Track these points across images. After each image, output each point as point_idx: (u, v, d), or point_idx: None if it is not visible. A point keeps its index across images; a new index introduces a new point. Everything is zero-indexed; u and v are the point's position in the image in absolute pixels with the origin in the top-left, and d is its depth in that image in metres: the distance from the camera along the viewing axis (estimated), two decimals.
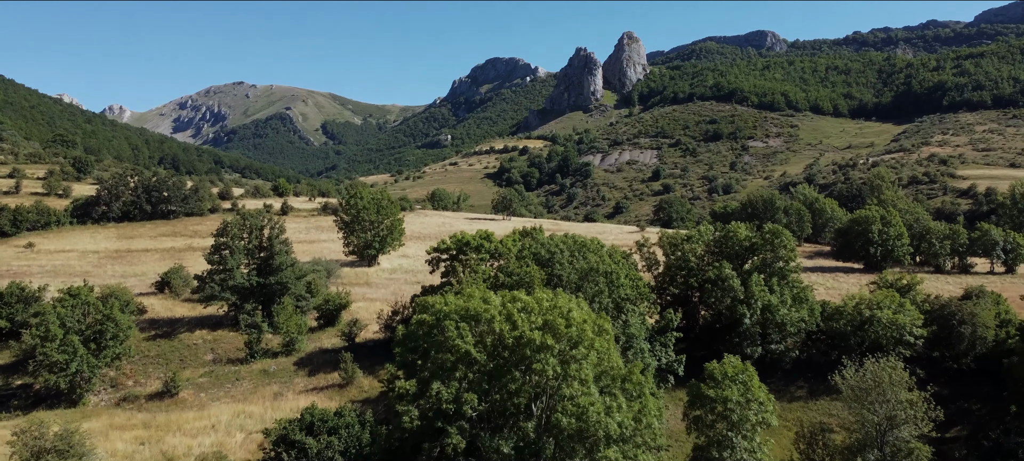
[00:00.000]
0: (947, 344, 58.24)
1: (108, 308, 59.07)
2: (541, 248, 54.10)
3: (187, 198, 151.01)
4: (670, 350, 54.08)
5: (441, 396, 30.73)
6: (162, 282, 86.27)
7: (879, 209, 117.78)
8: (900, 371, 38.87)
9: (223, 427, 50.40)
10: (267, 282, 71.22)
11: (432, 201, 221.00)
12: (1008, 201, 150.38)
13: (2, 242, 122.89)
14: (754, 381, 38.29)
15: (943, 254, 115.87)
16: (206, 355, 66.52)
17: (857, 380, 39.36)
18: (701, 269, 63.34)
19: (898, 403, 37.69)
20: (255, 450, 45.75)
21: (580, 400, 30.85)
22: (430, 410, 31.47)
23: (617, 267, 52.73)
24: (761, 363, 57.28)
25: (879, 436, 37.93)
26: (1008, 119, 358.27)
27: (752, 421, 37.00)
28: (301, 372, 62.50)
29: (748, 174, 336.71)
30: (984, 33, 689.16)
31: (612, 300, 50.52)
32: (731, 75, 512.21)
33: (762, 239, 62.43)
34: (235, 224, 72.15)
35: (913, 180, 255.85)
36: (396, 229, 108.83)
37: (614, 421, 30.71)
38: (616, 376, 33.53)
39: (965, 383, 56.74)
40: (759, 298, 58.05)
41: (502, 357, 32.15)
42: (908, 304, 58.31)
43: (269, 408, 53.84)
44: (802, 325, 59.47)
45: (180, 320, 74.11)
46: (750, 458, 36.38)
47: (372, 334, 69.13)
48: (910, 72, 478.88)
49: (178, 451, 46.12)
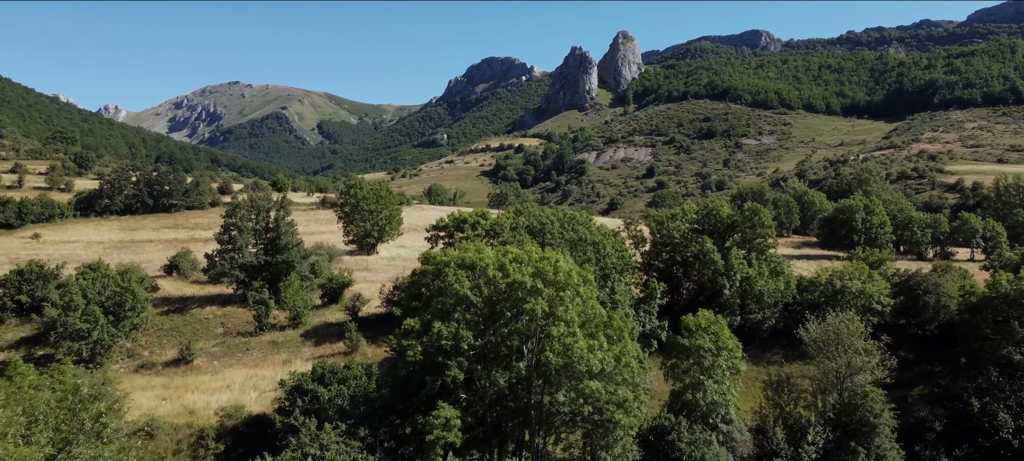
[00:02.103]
0: (913, 313, 62.27)
1: (126, 281, 62.72)
2: (533, 220, 57.96)
3: (188, 192, 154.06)
4: (653, 317, 57.91)
5: (441, 334, 34.52)
6: (171, 265, 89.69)
7: (863, 199, 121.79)
8: (857, 323, 42.81)
9: (238, 387, 54.45)
10: (274, 260, 74.89)
11: (429, 196, 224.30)
12: (992, 194, 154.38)
13: (8, 233, 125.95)
14: (724, 331, 42.18)
15: (925, 243, 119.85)
16: (217, 329, 70.22)
17: (819, 332, 43.27)
18: (685, 245, 67.25)
19: (855, 352, 41.56)
20: (268, 405, 49.57)
21: (566, 340, 34.64)
22: (432, 346, 35.26)
23: (604, 239, 56.57)
24: (740, 331, 61.08)
25: (838, 382, 41.84)
26: (998, 116, 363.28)
27: (722, 366, 40.82)
28: (307, 342, 66.27)
29: (741, 171, 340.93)
30: (977, 32, 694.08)
31: (599, 268, 54.33)
32: (725, 74, 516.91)
33: (742, 216, 66.33)
34: (244, 206, 75.86)
35: (902, 175, 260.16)
36: (394, 219, 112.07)
37: (596, 358, 34.53)
38: (599, 322, 37.31)
39: (929, 348, 60.80)
40: (738, 271, 61.97)
41: (496, 302, 35.93)
42: (877, 275, 62.30)
43: (279, 372, 57.53)
44: (778, 296, 63.40)
45: (190, 298, 77.76)
46: (720, 398, 40.21)
47: (374, 309, 72.95)
48: (902, 71, 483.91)
49: (198, 405, 50.15)
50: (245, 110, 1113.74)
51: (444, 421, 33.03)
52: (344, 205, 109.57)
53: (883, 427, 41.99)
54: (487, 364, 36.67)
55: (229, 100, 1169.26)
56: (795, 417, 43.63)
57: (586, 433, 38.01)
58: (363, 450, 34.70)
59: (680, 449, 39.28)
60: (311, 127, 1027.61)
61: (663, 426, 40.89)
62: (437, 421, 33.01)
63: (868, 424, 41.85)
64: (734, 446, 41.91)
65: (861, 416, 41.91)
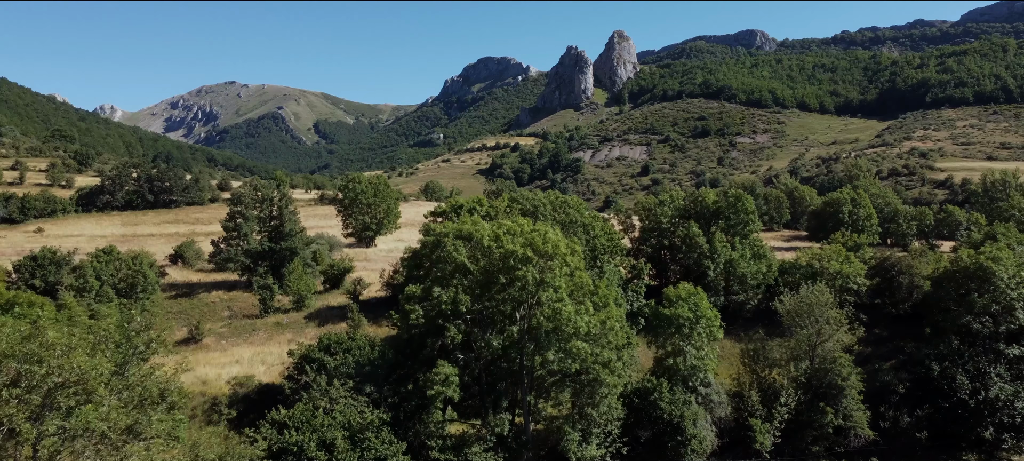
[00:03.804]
0: (888, 293, 65.52)
1: (138, 264, 65.61)
2: (527, 203, 61.04)
3: (188, 188, 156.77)
4: (641, 296, 60.95)
5: (441, 298, 37.58)
6: (176, 255, 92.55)
7: (850, 192, 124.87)
8: (827, 294, 46.02)
9: (246, 361, 57.57)
10: (278, 247, 77.84)
11: (426, 194, 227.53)
12: (979, 189, 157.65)
13: (12, 228, 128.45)
14: (703, 302, 45.31)
15: (910, 234, 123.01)
16: (223, 312, 73.15)
17: (793, 303, 46.40)
18: (672, 230, 70.38)
19: (825, 321, 44.69)
20: (276, 377, 52.57)
21: (555, 305, 37.69)
22: (432, 310, 38.28)
23: (594, 222, 59.65)
24: (725, 312, 64.06)
25: (810, 349, 44.96)
26: (989, 115, 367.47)
27: (701, 334, 43.93)
28: (311, 324, 69.22)
29: (735, 169, 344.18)
30: (970, 32, 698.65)
31: (589, 249, 57.39)
32: (720, 73, 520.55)
33: (727, 203, 69.46)
34: (249, 194, 78.82)
35: (893, 172, 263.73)
36: (392, 212, 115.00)
37: (583, 321, 37.60)
38: (586, 290, 40.35)
39: (903, 325, 64.03)
40: (722, 254, 65.09)
41: (491, 271, 38.97)
42: (853, 257, 65.45)
43: (285, 349, 60.36)
44: (761, 278, 66.51)
45: (197, 284, 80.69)
46: (699, 363, 43.31)
47: (374, 292, 75.99)
48: (895, 70, 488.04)
49: (210, 377, 53.24)
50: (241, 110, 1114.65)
51: (444, 377, 36.04)
52: (343, 199, 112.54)
53: (850, 389, 45.24)
54: (483, 327, 39.73)
55: (225, 100, 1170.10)
56: (769, 382, 46.84)
57: (574, 392, 41.06)
58: (369, 404, 37.68)
59: (661, 408, 42.37)
60: (307, 127, 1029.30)
61: (646, 388, 43.99)
62: (437, 377, 36.03)
63: (837, 386, 45.12)
64: (712, 407, 45.03)
65: (830, 380, 45.17)
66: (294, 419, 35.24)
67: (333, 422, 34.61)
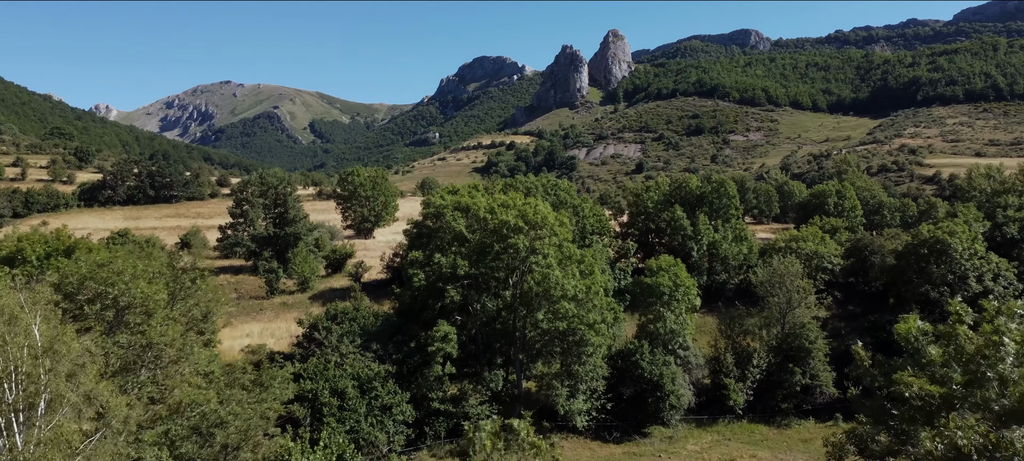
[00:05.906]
0: (862, 272, 69.35)
1: (150, 247, 68.98)
2: (520, 185, 64.69)
3: (188, 183, 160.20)
4: (628, 274, 64.63)
5: (441, 263, 41.21)
6: (182, 243, 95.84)
7: (835, 184, 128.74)
8: (797, 266, 49.73)
9: (256, 335, 61.30)
10: (283, 232, 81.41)
11: (422, 190, 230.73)
12: (965, 184, 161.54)
13: (17, 222, 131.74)
14: (682, 272, 49.03)
15: (894, 225, 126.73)
16: (231, 294, 76.56)
17: (767, 274, 50.10)
18: (658, 213, 74.09)
19: (795, 290, 48.41)
20: (285, 347, 56.10)
21: (544, 270, 41.36)
22: (433, 274, 41.91)
23: (584, 203, 63.30)
24: (707, 291, 67.98)
25: (781, 316, 48.64)
26: (978, 112, 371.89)
27: (680, 300, 47.63)
28: (315, 304, 72.67)
29: (728, 166, 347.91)
30: (962, 31, 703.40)
31: (579, 229, 61.06)
32: (714, 72, 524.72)
33: (710, 188, 73.19)
34: (254, 182, 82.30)
35: (883, 168, 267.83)
36: (390, 205, 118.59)
37: (570, 284, 41.26)
38: (574, 258, 44.02)
39: (874, 302, 67.88)
40: (705, 236, 68.80)
41: (486, 239, 42.62)
42: (829, 239, 69.25)
43: (292, 326, 63.98)
44: (742, 259, 70.26)
45: (203, 269, 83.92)
46: (678, 327, 47.02)
47: (375, 275, 79.56)
48: (887, 68, 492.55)
49: (223, 348, 56.65)
50: (237, 109, 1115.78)
51: (443, 335, 39.64)
52: (343, 191, 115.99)
53: (817, 352, 48.97)
54: (479, 292, 43.38)
55: (220, 99, 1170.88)
56: (744, 346, 50.56)
57: (562, 351, 44.72)
58: (375, 359, 41.25)
59: (642, 367, 46.04)
60: (303, 126, 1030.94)
61: (628, 350, 47.68)
62: (438, 335, 39.63)
63: (805, 349, 48.85)
64: (690, 368, 48.75)
65: (799, 343, 48.88)
66: (308, 371, 38.81)
67: (343, 373, 38.16)
